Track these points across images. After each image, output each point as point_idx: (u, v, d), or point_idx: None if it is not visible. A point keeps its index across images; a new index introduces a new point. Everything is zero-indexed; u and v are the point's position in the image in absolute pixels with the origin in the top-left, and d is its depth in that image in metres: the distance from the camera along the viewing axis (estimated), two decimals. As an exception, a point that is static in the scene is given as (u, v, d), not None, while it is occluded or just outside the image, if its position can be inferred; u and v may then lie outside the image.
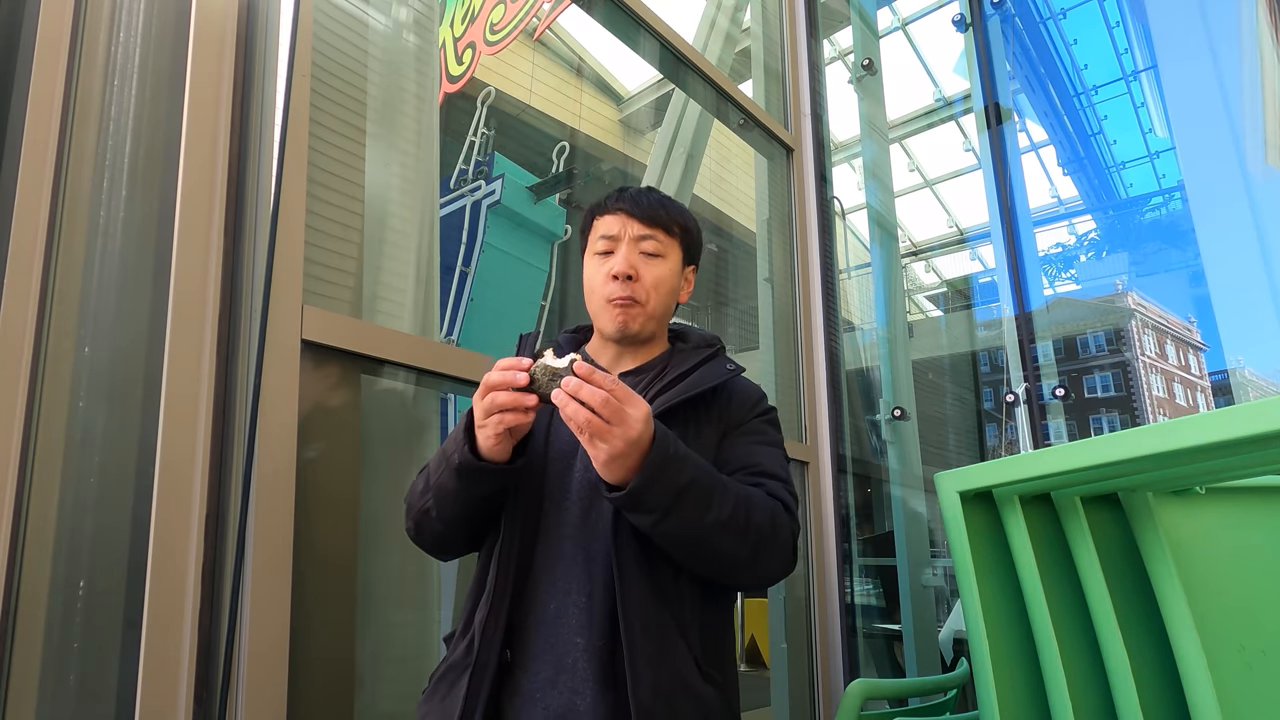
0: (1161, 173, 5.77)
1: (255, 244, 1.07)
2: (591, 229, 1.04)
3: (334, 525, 1.14)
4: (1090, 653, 0.78)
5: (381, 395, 1.30)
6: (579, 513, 0.90)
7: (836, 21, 3.27)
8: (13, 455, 0.84)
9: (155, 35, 1.05)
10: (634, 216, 0.99)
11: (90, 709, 0.87)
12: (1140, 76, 4.83)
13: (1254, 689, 0.73)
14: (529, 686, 0.83)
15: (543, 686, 0.83)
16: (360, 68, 1.38)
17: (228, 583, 0.96)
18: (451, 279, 4.75)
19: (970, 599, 0.81)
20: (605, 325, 1.00)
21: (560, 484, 0.92)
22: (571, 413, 0.74)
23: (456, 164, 5.26)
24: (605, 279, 0.98)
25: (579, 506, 0.91)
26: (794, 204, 2.57)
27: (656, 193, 1.05)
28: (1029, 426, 2.41)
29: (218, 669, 0.94)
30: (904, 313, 3.16)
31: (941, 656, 2.62)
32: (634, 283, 0.98)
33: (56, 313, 0.91)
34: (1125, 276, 8.58)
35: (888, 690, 1.40)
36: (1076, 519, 0.80)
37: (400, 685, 1.26)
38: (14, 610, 0.83)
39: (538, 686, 0.83)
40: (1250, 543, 0.83)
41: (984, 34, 2.80)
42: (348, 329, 1.17)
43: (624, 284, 0.97)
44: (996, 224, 2.61)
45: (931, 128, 5.45)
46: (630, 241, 0.99)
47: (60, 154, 0.93)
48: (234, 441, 1.01)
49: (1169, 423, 0.56)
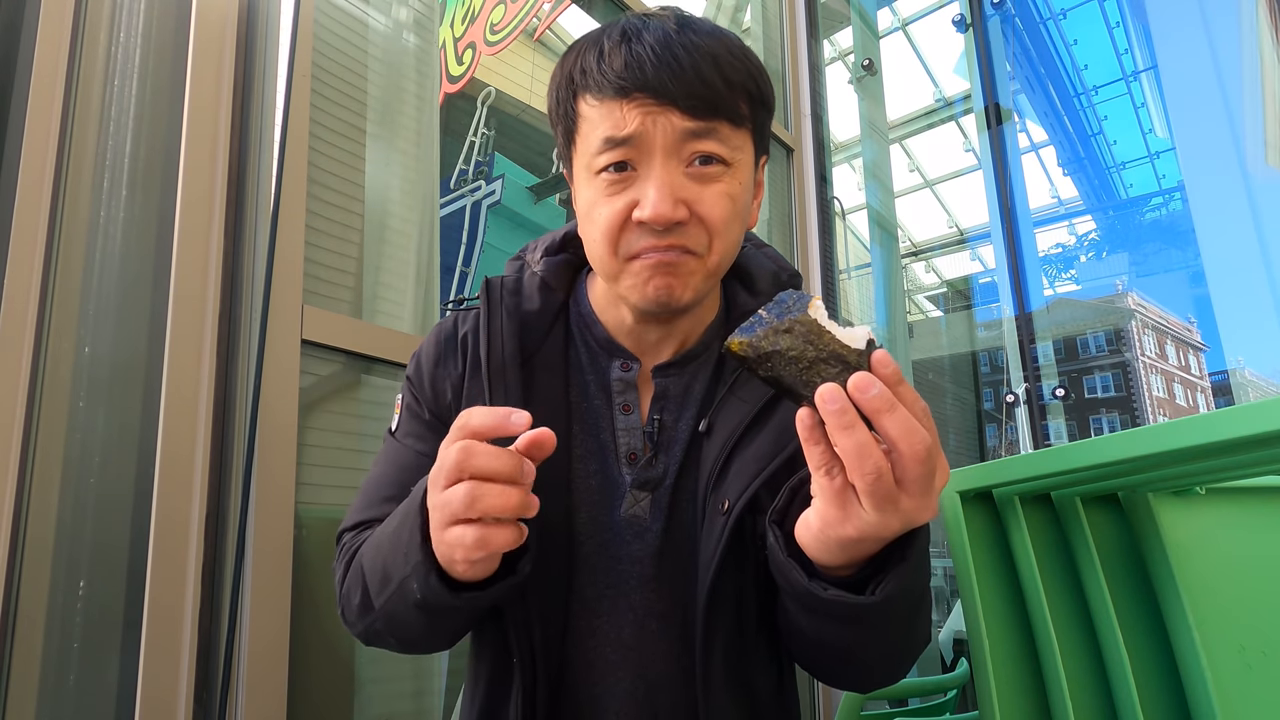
0: (1161, 173, 5.77)
1: (255, 244, 1.07)
2: (577, 118, 0.60)
3: (334, 525, 1.14)
4: (1090, 653, 0.78)
5: (381, 395, 1.30)
6: (633, 609, 0.61)
7: (836, 21, 3.26)
8: (13, 455, 0.84)
9: (155, 35, 1.05)
10: (670, 101, 0.55)
11: (90, 709, 0.87)
12: (1140, 77, 4.83)
13: (1254, 689, 0.72)
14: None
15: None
16: (360, 68, 1.38)
17: (228, 583, 0.96)
18: (451, 279, 4.75)
19: (970, 599, 0.80)
20: (630, 293, 0.60)
21: (600, 553, 0.62)
22: (854, 450, 0.41)
23: (456, 164, 5.25)
24: (622, 223, 0.57)
25: (637, 595, 0.61)
26: (794, 204, 2.57)
27: (696, 30, 0.58)
28: (1029, 427, 2.41)
29: (218, 669, 0.94)
30: (904, 313, 3.15)
31: (941, 656, 2.62)
32: (684, 226, 0.57)
33: (56, 313, 0.90)
34: (1125, 277, 8.60)
35: (888, 690, 1.40)
36: (1076, 519, 0.80)
37: (400, 685, 1.26)
38: (14, 610, 0.82)
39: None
40: (1250, 543, 0.83)
41: (984, 34, 2.80)
42: (348, 329, 1.17)
43: (663, 232, 0.57)
44: (996, 224, 2.61)
45: (931, 128, 5.45)
46: (668, 152, 0.56)
47: (60, 154, 0.92)
48: (234, 441, 1.01)
49: (1169, 423, 0.56)
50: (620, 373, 0.66)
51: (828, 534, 0.45)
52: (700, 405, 0.66)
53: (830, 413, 0.42)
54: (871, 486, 0.42)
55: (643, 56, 0.55)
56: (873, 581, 0.49)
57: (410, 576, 0.50)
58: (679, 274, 0.58)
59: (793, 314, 0.44)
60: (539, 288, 0.68)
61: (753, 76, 0.60)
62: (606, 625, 0.61)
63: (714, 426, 0.63)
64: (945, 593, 2.88)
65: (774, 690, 0.65)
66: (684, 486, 0.64)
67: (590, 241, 0.61)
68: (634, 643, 0.61)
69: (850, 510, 0.44)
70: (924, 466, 0.42)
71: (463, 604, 0.50)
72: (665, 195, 0.55)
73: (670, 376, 0.66)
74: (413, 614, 0.53)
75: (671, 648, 0.61)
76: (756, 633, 0.64)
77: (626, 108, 0.56)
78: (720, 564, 0.59)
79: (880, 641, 0.53)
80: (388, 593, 0.54)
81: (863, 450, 0.41)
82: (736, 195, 0.59)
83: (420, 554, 0.49)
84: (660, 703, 0.60)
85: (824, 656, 0.59)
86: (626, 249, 0.58)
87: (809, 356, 0.43)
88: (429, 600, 0.50)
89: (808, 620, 0.54)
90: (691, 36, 0.57)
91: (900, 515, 0.43)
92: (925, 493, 0.43)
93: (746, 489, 0.59)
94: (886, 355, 0.43)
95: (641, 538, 0.62)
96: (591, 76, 0.58)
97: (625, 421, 0.65)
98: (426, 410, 0.68)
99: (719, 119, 0.57)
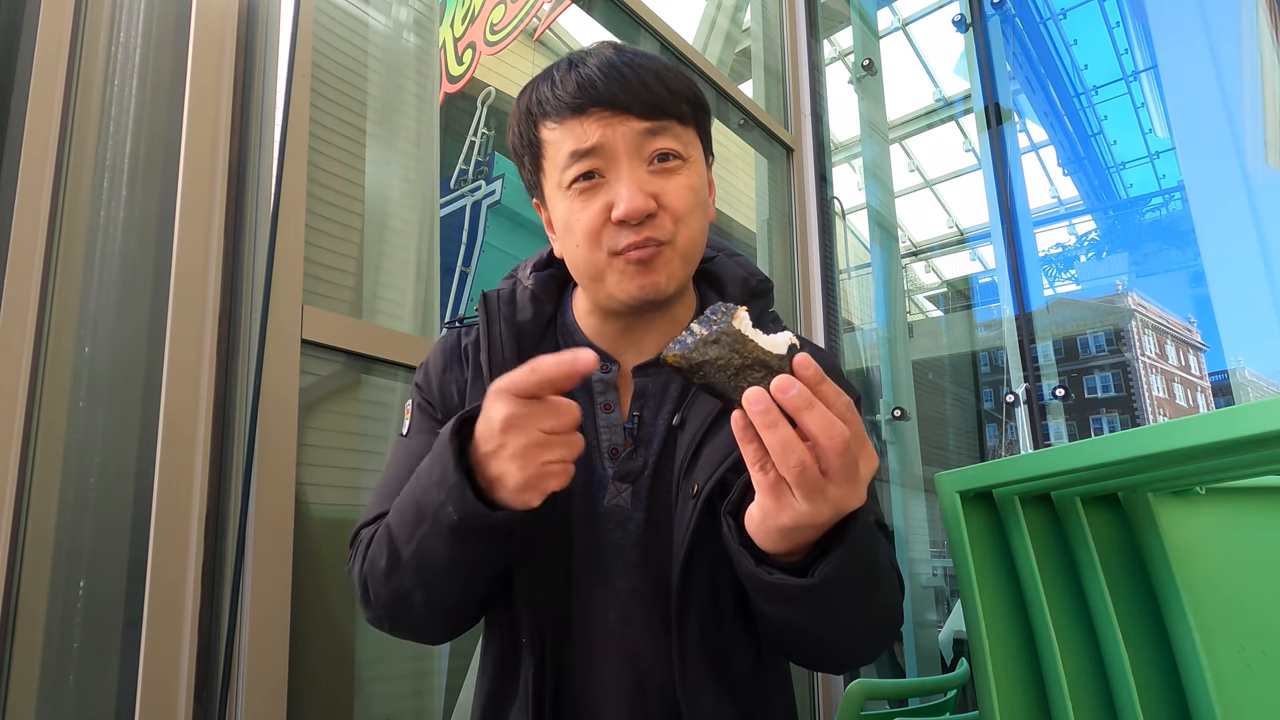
0: (1161, 173, 5.77)
1: (255, 244, 1.07)
2: (541, 144, 0.66)
3: (334, 525, 1.14)
4: (1090, 653, 0.78)
5: (381, 395, 1.30)
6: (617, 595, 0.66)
7: (836, 21, 3.26)
8: (13, 455, 0.84)
9: (155, 35, 1.05)
10: (624, 109, 0.63)
11: (90, 709, 0.87)
12: (1140, 77, 4.83)
13: (1254, 689, 0.73)
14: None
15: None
16: (360, 68, 1.38)
17: (228, 583, 0.96)
18: (451, 279, 4.75)
19: (970, 599, 0.80)
20: (618, 291, 0.65)
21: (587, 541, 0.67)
22: (779, 446, 0.46)
23: (456, 164, 5.25)
24: (601, 224, 0.63)
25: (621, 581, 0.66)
26: (794, 204, 2.57)
27: (633, 53, 0.67)
28: (1029, 426, 2.41)
29: (218, 669, 0.94)
30: (904, 313, 3.15)
31: (941, 656, 2.62)
32: (654, 218, 0.63)
33: (56, 313, 0.91)
34: (1125, 277, 8.60)
35: (887, 690, 1.40)
36: (1076, 519, 0.80)
37: (400, 685, 1.26)
38: (14, 610, 0.82)
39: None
40: (1250, 543, 0.83)
41: (984, 34, 2.80)
42: (348, 329, 1.17)
43: (638, 226, 0.63)
44: (996, 224, 2.61)
45: (931, 128, 5.45)
46: (631, 153, 0.63)
47: (60, 154, 0.93)
48: (234, 441, 1.01)
49: (1169, 423, 0.56)
50: (600, 374, 0.71)
51: (767, 524, 0.50)
52: (676, 402, 0.71)
53: (755, 413, 0.46)
54: (798, 478, 0.46)
55: (592, 77, 0.63)
56: (814, 565, 0.52)
57: (446, 501, 0.53)
58: (657, 266, 0.64)
59: (719, 326, 0.49)
60: (530, 300, 0.74)
61: (689, 85, 0.68)
62: (598, 610, 0.66)
63: (686, 420, 0.68)
64: (945, 593, 2.88)
65: (752, 669, 0.68)
66: (662, 476, 0.68)
67: (572, 249, 0.66)
68: (620, 627, 0.66)
69: (784, 501, 0.48)
70: (843, 457, 0.46)
71: (497, 521, 0.53)
72: (635, 191, 0.62)
73: (649, 376, 0.71)
74: (444, 547, 0.56)
75: (654, 630, 0.65)
76: (734, 615, 0.67)
77: (586, 123, 0.63)
78: (692, 545, 0.63)
79: (834, 620, 0.57)
80: (421, 530, 0.56)
81: (786, 445, 0.46)
82: (696, 187, 0.66)
83: (456, 475, 0.53)
84: (649, 684, 0.65)
85: (788, 638, 0.62)
86: (609, 246, 0.64)
87: (735, 364, 0.48)
88: (465, 520, 0.53)
89: (763, 604, 0.58)
90: (630, 56, 0.66)
91: (830, 503, 0.47)
92: (850, 480, 0.47)
93: (714, 473, 0.63)
94: (807, 358, 0.47)
95: (624, 526, 0.67)
96: (549, 104, 0.65)
97: (606, 419, 0.70)
98: (437, 411, 0.74)
99: (669, 118, 0.65)
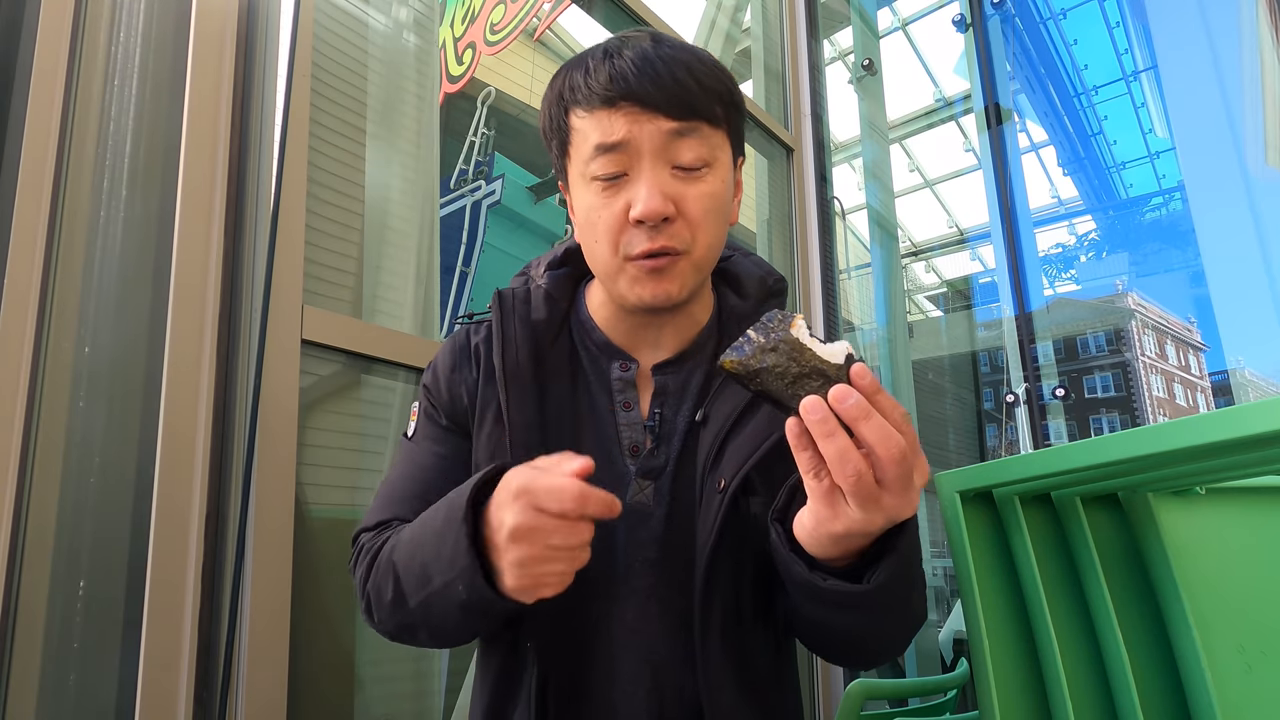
0: (1161, 173, 5.78)
1: (255, 244, 1.07)
2: (569, 131, 0.65)
3: (334, 525, 1.14)
4: (1090, 653, 0.78)
5: (381, 395, 1.30)
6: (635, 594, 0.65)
7: (836, 21, 3.26)
8: (13, 455, 0.84)
9: (155, 35, 1.05)
10: (653, 107, 0.61)
11: (90, 709, 0.87)
12: (1140, 77, 4.83)
13: (1254, 689, 0.73)
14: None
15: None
16: (360, 68, 1.38)
17: (228, 583, 0.96)
18: (451, 279, 4.75)
19: (970, 599, 0.80)
20: (627, 292, 0.65)
21: (607, 539, 0.65)
22: (836, 455, 0.46)
23: (456, 164, 5.25)
24: (620, 221, 0.63)
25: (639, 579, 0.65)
26: (794, 204, 2.57)
27: (671, 46, 0.64)
28: (1029, 426, 2.41)
29: (218, 669, 0.94)
30: (904, 313, 3.15)
31: (941, 656, 2.62)
32: (671, 224, 0.62)
33: (56, 313, 0.90)
34: (1125, 277, 8.60)
35: (887, 690, 1.40)
36: (1076, 519, 0.80)
37: (400, 685, 1.26)
38: (14, 610, 0.82)
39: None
40: (1250, 543, 0.83)
41: (984, 34, 2.80)
42: (348, 329, 1.17)
43: (654, 229, 0.62)
44: (996, 224, 2.61)
45: (931, 128, 5.45)
46: (655, 154, 0.62)
47: (60, 154, 0.93)
48: (234, 442, 1.01)
49: (1169, 423, 0.56)
50: (619, 373, 0.71)
51: (820, 530, 0.50)
52: (696, 398, 0.71)
53: (813, 422, 0.46)
54: (854, 487, 0.46)
55: (625, 69, 0.62)
56: (868, 571, 0.53)
57: (456, 579, 0.54)
58: (670, 275, 0.64)
59: (777, 334, 0.49)
60: (544, 299, 0.73)
61: (724, 82, 0.66)
62: (613, 609, 0.65)
63: (709, 416, 0.68)
64: (945, 593, 2.88)
65: (773, 672, 0.68)
66: (684, 472, 0.68)
67: (591, 244, 0.66)
68: (638, 625, 0.65)
69: (838, 509, 0.48)
70: (900, 467, 0.46)
71: (508, 606, 0.54)
72: (655, 193, 0.61)
73: (669, 374, 0.71)
74: (454, 612, 0.57)
75: (673, 630, 0.64)
76: (754, 616, 0.67)
77: (614, 116, 0.62)
78: (717, 542, 0.63)
79: (878, 623, 0.58)
80: (427, 591, 0.57)
81: (843, 454, 0.46)
82: (718, 193, 0.65)
83: (467, 559, 0.53)
84: (665, 685, 0.64)
85: (829, 640, 0.64)
86: (626, 249, 0.63)
87: (793, 372, 0.48)
88: (473, 602, 0.54)
89: (812, 608, 0.58)
90: (667, 50, 0.63)
91: (883, 512, 0.48)
92: (905, 490, 0.47)
93: (741, 469, 0.63)
94: (864, 368, 0.47)
95: (645, 523, 0.66)
96: (580, 91, 0.63)
97: (626, 417, 0.70)
98: (443, 415, 0.73)
99: (699, 119, 0.63)
